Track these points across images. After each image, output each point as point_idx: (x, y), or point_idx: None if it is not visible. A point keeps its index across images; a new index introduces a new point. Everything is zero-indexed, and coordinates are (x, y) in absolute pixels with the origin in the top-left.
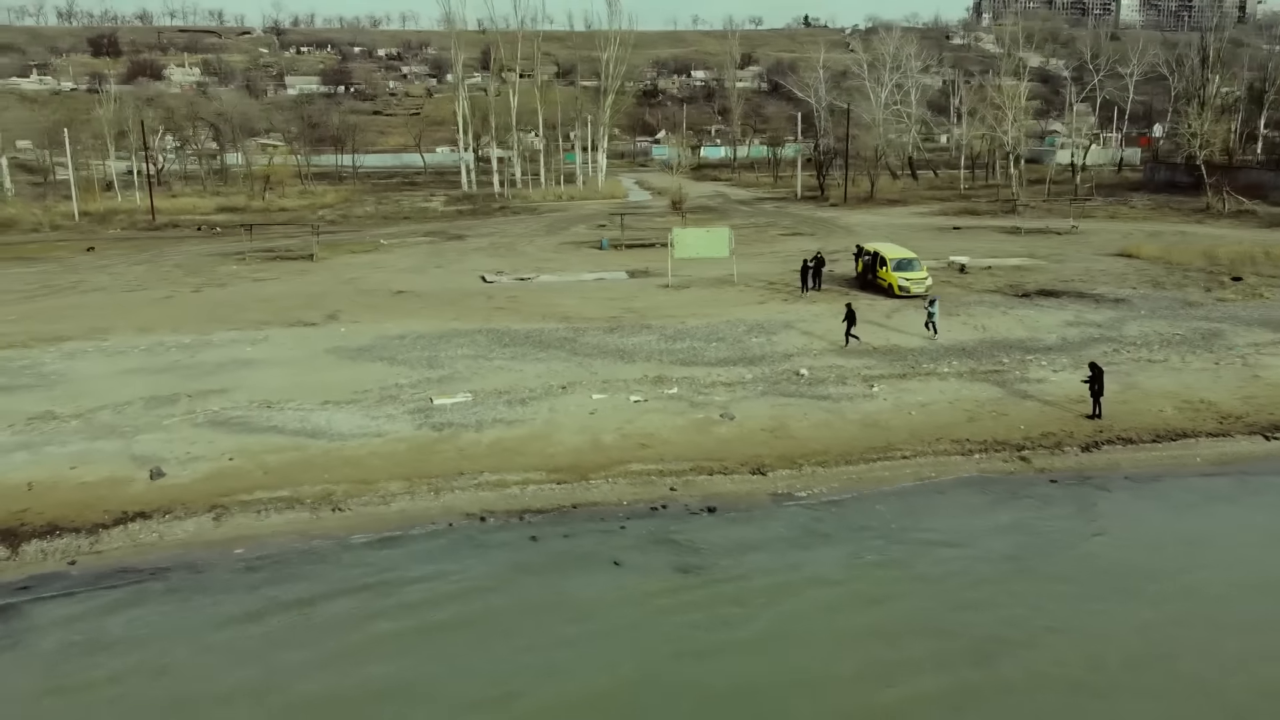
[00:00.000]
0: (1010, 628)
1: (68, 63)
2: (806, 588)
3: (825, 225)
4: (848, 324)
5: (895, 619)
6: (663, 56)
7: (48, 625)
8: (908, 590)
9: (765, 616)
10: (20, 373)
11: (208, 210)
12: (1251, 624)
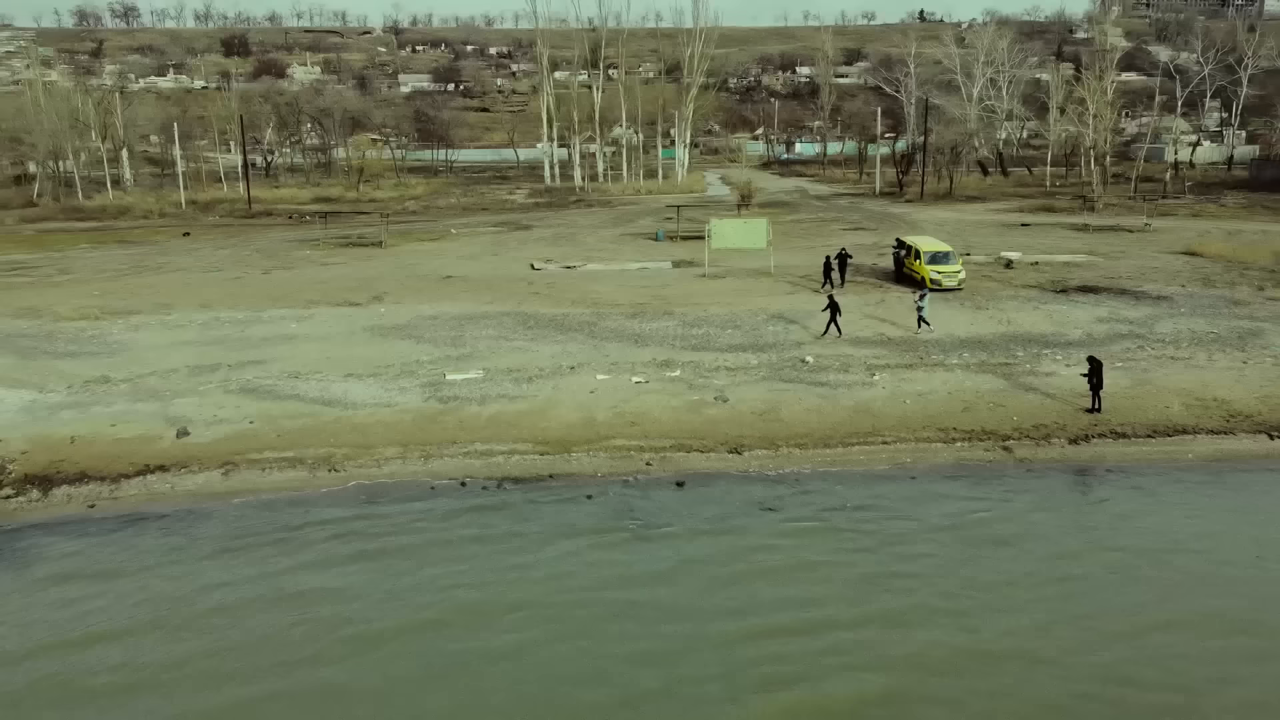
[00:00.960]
0: (873, 572)
1: (201, 63)
2: (724, 541)
3: (891, 220)
4: (830, 314)
5: (786, 565)
6: (770, 52)
7: (58, 555)
8: (814, 544)
9: (672, 560)
10: (88, 341)
11: (304, 200)
12: (1105, 591)
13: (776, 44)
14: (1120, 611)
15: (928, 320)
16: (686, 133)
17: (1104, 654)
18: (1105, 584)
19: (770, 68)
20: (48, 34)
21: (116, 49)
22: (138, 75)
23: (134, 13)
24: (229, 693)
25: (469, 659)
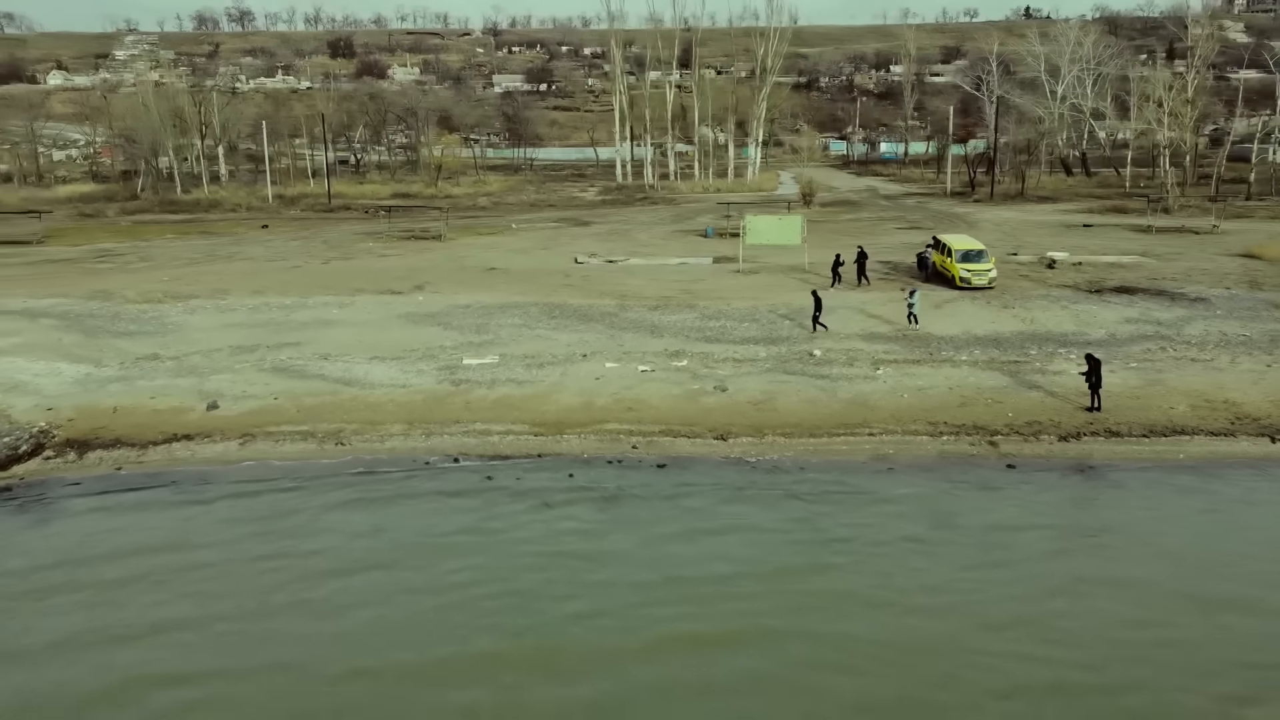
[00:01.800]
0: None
1: (307, 64)
2: (676, 519)
3: (950, 220)
4: (815, 311)
5: (722, 533)
6: (865, 51)
7: (82, 509)
8: (757, 523)
9: (618, 525)
10: (147, 322)
11: (384, 196)
12: (1007, 570)
13: (873, 42)
14: (1011, 585)
15: (916, 317)
16: (760, 131)
17: (954, 613)
18: (1012, 565)
19: (864, 66)
20: (169, 38)
21: (231, 51)
22: (248, 76)
23: (249, 17)
24: (193, 602)
25: (405, 592)
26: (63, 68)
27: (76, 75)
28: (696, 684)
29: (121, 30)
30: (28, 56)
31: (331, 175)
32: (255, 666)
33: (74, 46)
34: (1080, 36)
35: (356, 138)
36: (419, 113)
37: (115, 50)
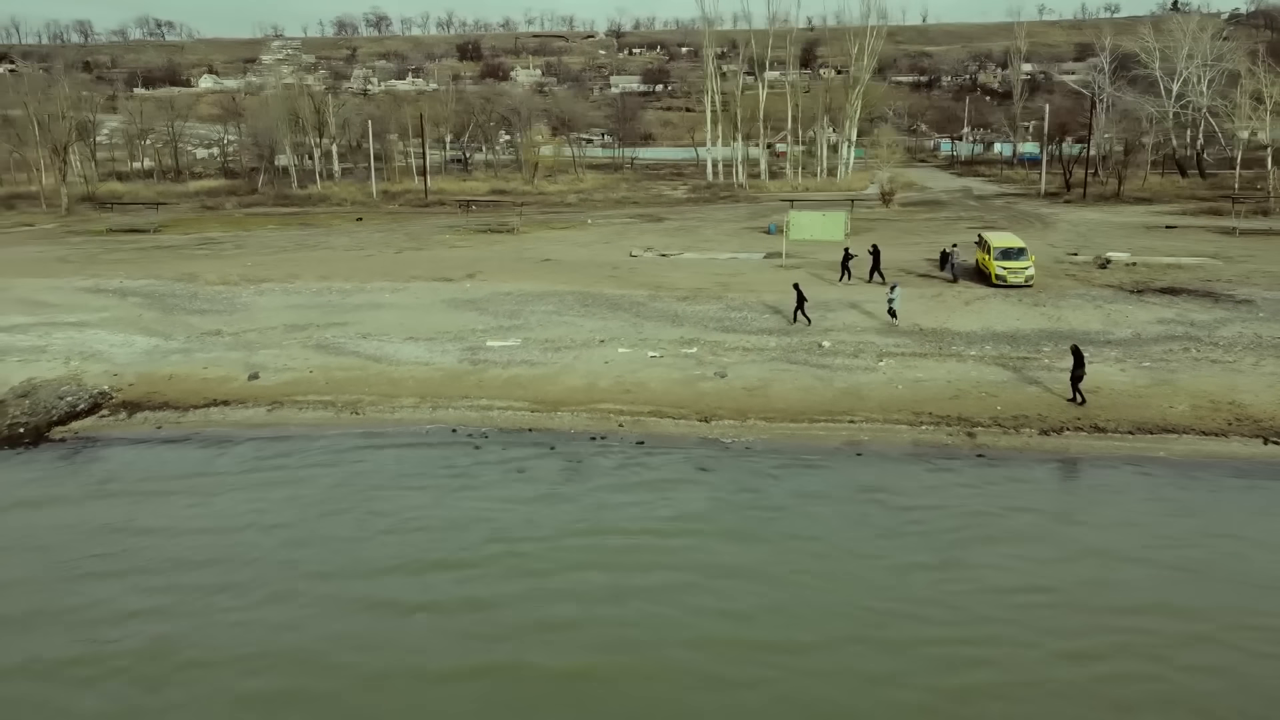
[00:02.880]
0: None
1: (435, 67)
2: (624, 486)
3: (1029, 220)
4: (798, 303)
5: (659, 504)
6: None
7: (119, 461)
8: (696, 494)
9: (568, 493)
10: (218, 301)
11: (481, 192)
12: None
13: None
14: (899, 570)
15: (896, 312)
16: (853, 131)
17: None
18: (900, 536)
19: (990, 65)
20: (311, 43)
21: (367, 55)
22: (380, 79)
23: (385, 22)
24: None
25: (364, 518)
26: (213, 72)
27: (226, 79)
28: (569, 588)
29: (269, 36)
30: (184, 61)
31: (441, 173)
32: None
33: (226, 52)
34: (1197, 31)
35: (467, 137)
36: (521, 113)
37: (262, 55)
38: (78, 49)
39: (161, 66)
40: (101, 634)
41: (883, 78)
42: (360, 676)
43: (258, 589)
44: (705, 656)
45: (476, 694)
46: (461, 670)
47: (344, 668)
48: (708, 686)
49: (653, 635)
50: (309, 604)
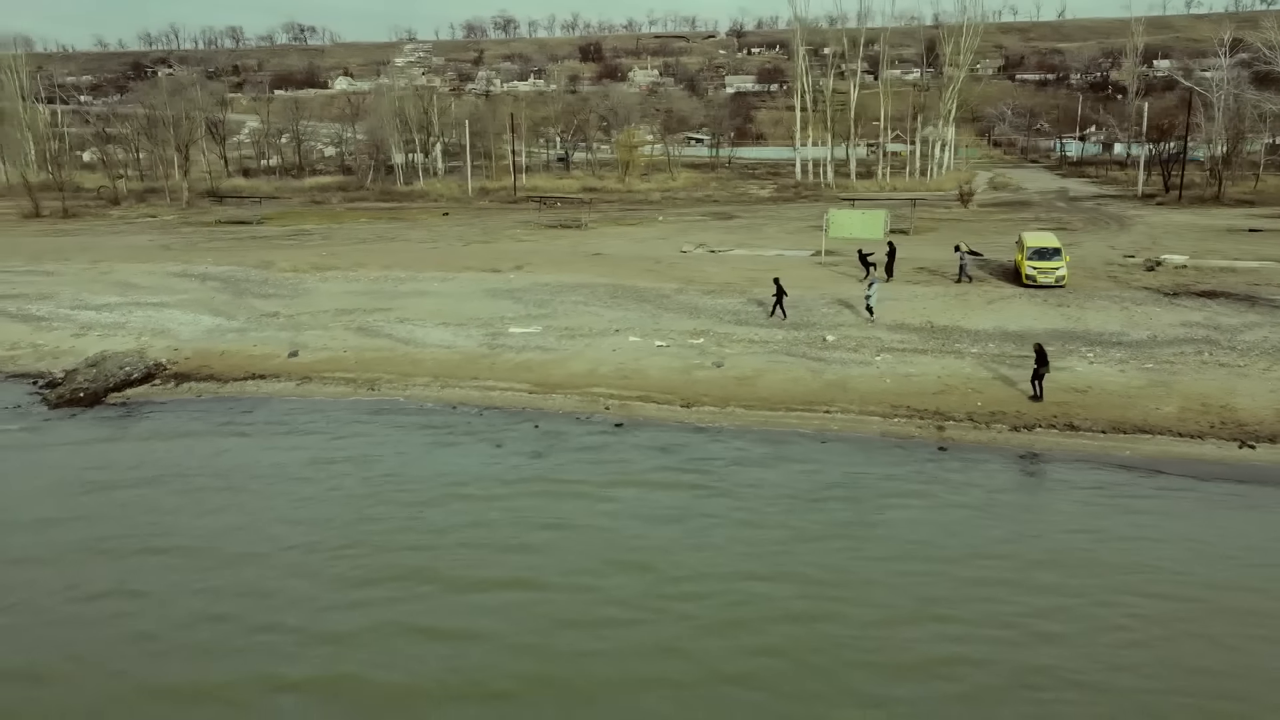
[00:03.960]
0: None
1: (555, 68)
2: (585, 462)
3: (1108, 221)
4: (777, 297)
5: (605, 481)
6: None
7: (149, 420)
8: (649, 468)
9: (530, 469)
10: (284, 287)
11: (572, 190)
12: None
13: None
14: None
15: (873, 309)
16: (948, 129)
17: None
18: (801, 512)
19: (1124, 61)
20: (442, 46)
21: (493, 57)
22: (503, 80)
23: (513, 25)
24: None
25: (341, 472)
26: (348, 74)
27: (360, 80)
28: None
29: (402, 40)
30: (324, 64)
31: (543, 171)
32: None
33: (362, 55)
34: None
35: (570, 136)
36: (618, 112)
37: (395, 58)
38: (229, 53)
39: (302, 69)
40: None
41: (1008, 75)
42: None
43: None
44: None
45: (412, 561)
46: (395, 540)
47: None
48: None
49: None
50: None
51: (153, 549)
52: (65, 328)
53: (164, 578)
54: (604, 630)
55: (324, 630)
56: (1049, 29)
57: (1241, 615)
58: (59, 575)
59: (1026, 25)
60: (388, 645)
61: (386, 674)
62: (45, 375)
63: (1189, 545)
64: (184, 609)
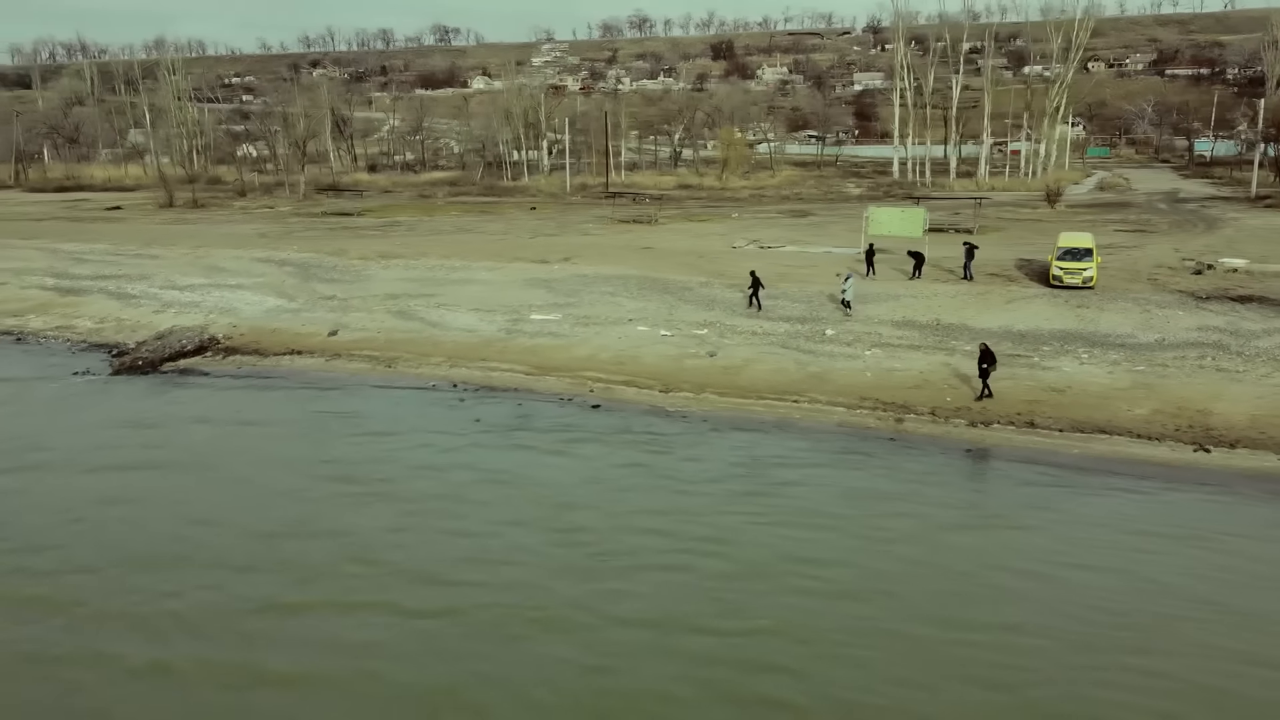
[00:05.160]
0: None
1: (685, 66)
2: (547, 436)
3: (1196, 223)
4: (753, 290)
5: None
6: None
7: (198, 384)
8: (608, 446)
9: (494, 434)
10: (349, 273)
11: (668, 186)
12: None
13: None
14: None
15: (849, 304)
16: (1054, 130)
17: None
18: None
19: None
20: (578, 45)
21: (627, 56)
22: (633, 79)
23: (648, 24)
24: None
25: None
26: (486, 74)
27: (496, 80)
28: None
29: (540, 40)
30: (464, 65)
31: (653, 168)
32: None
33: (501, 55)
34: None
35: (681, 134)
36: (724, 110)
37: (532, 58)
38: (378, 54)
39: (444, 70)
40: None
41: (1158, 70)
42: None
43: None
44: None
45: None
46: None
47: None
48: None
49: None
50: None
51: (152, 464)
52: (149, 305)
53: (157, 482)
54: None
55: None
56: (1211, 20)
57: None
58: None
59: (1187, 17)
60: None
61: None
62: (119, 346)
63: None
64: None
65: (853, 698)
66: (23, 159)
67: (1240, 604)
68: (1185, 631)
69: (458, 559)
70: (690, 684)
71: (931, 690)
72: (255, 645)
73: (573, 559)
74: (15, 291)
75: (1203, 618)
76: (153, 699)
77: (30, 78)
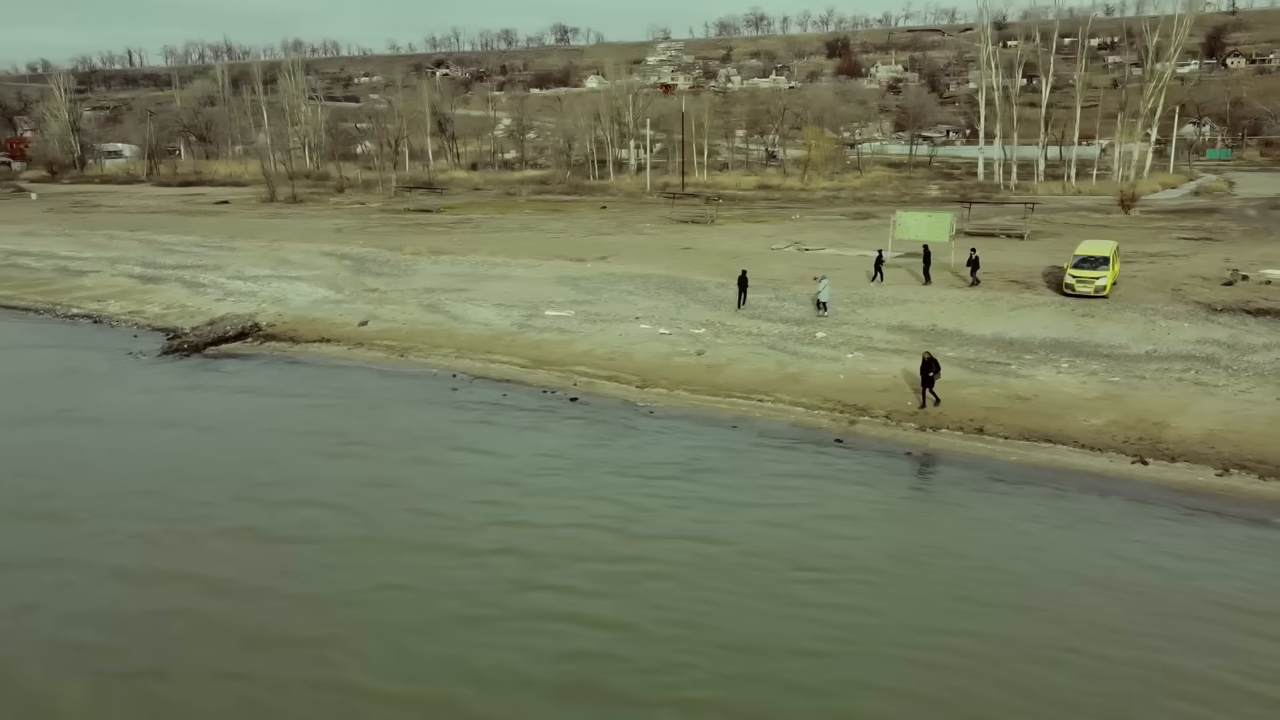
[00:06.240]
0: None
1: (801, 64)
2: (518, 423)
3: (1276, 232)
4: (740, 291)
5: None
6: None
7: (229, 367)
8: (572, 435)
9: (478, 423)
10: (398, 267)
11: (748, 187)
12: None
13: None
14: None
15: (825, 305)
16: (1148, 130)
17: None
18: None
19: None
20: (694, 44)
21: (742, 54)
22: (743, 77)
23: (764, 22)
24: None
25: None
26: (600, 74)
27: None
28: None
29: (657, 39)
30: (581, 64)
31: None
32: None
33: (618, 55)
34: None
35: (774, 134)
36: (813, 110)
37: (647, 57)
38: (499, 54)
39: (560, 69)
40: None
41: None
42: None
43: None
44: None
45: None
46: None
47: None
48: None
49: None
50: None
51: (164, 421)
52: (213, 293)
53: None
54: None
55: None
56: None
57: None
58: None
59: (1161, 17)
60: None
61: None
62: (175, 330)
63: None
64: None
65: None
66: (155, 155)
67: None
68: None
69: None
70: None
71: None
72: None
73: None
74: (106, 279)
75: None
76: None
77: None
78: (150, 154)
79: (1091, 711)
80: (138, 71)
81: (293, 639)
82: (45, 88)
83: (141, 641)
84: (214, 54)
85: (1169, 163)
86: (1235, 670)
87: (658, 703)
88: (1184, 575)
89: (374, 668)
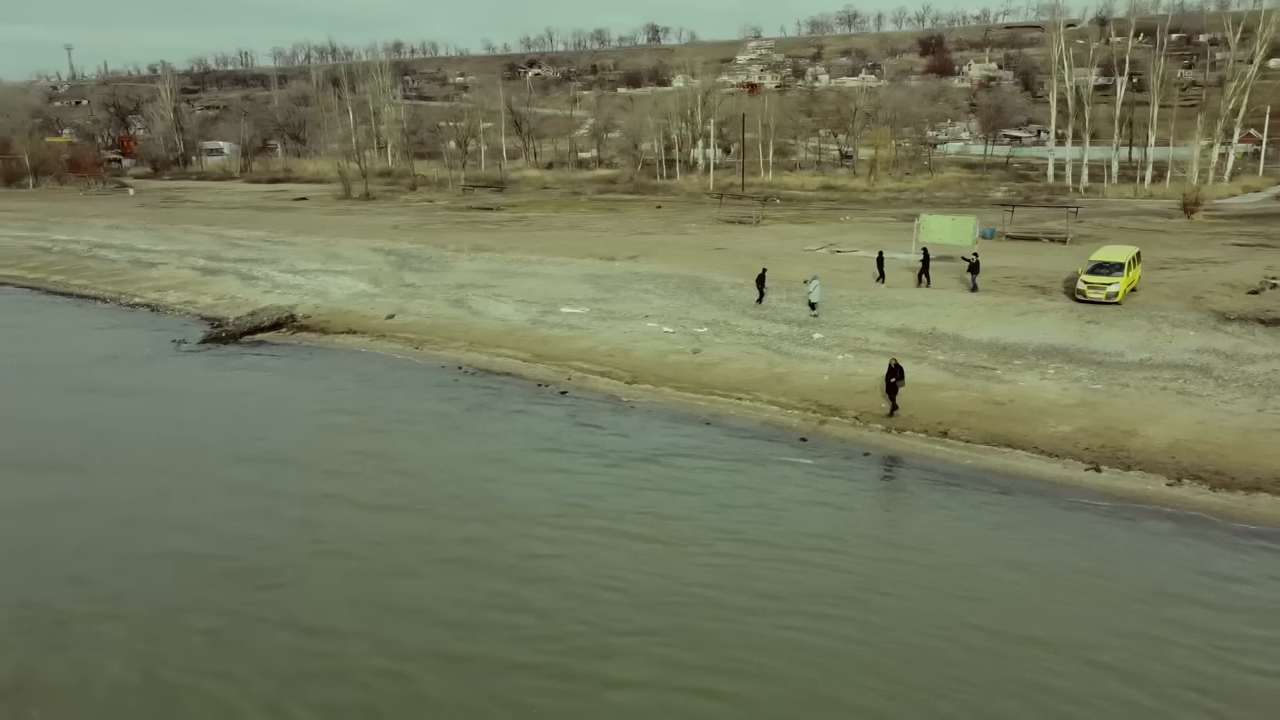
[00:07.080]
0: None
1: (892, 62)
2: (503, 416)
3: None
4: (759, 289)
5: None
6: None
7: (262, 352)
8: (551, 423)
9: (468, 412)
10: (438, 263)
11: (812, 187)
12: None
13: None
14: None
15: (815, 305)
16: (1226, 132)
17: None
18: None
19: None
20: (785, 42)
21: (832, 53)
22: (832, 76)
23: (857, 19)
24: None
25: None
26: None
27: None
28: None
29: (748, 37)
30: (671, 63)
31: (813, 168)
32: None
33: (708, 54)
34: None
35: (847, 135)
36: (885, 110)
37: (737, 56)
38: (591, 54)
39: (650, 68)
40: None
41: None
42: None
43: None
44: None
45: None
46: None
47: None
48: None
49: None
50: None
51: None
52: (263, 285)
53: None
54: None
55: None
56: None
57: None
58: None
59: (1243, 13)
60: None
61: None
62: (220, 319)
63: None
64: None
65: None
66: (250, 153)
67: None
68: None
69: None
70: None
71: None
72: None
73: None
74: (171, 271)
75: None
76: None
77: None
78: (245, 151)
79: None
80: (247, 72)
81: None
82: (155, 88)
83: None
84: (319, 54)
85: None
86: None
87: None
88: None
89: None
